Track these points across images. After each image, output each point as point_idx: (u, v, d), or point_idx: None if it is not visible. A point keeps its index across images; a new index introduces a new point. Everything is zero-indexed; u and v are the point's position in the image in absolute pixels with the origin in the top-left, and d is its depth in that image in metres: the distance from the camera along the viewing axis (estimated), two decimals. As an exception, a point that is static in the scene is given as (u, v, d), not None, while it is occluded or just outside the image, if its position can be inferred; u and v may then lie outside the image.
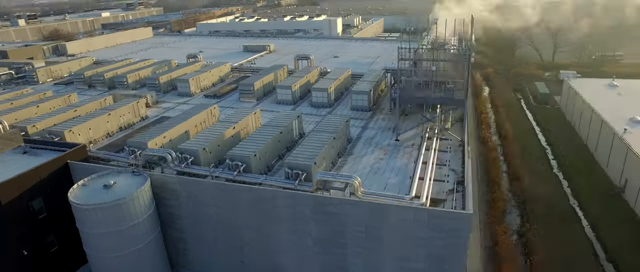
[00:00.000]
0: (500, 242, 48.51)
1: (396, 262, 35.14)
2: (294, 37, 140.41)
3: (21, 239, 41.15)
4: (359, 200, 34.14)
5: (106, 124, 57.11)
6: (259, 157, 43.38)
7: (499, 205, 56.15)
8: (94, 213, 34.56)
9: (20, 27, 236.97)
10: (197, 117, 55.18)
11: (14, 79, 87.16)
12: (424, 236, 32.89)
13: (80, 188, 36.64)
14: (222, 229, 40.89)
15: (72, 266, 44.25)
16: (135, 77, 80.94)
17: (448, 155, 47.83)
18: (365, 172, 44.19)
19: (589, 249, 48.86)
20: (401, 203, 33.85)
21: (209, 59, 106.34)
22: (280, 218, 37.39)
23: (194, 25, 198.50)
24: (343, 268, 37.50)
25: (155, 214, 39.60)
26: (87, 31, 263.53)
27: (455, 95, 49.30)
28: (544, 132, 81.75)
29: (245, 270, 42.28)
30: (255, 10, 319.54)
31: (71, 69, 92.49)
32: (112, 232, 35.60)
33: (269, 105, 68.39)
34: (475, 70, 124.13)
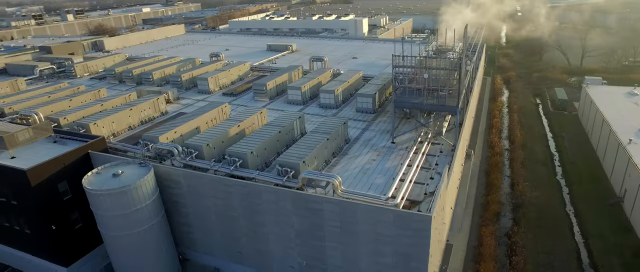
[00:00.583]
0: (484, 243, 50.43)
1: (369, 256, 38.30)
2: (319, 36, 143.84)
3: (49, 216, 47.10)
4: (332, 198, 37.50)
5: (128, 118, 62.99)
6: (256, 154, 47.28)
7: (492, 208, 57.76)
8: (103, 198, 39.86)
9: (69, 22, 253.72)
10: (208, 115, 59.80)
11: (56, 73, 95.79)
12: (391, 234, 35.87)
13: (93, 175, 42.05)
14: (219, 218, 45.37)
15: (94, 241, 49.71)
16: (160, 74, 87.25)
17: (437, 159, 50.09)
18: (355, 172, 47.25)
19: (574, 254, 49.90)
20: (371, 202, 36.88)
21: (234, 57, 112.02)
22: (266, 211, 41.36)
23: (228, 21, 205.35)
24: (322, 260, 41.06)
25: (159, 200, 44.54)
26: (128, 26, 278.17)
27: (448, 102, 51.39)
28: (556, 139, 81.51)
29: (242, 256, 46.61)
30: (290, 7, 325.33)
31: (105, 64, 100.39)
32: (120, 215, 40.81)
33: (280, 105, 72.37)
34: (497, 73, 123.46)
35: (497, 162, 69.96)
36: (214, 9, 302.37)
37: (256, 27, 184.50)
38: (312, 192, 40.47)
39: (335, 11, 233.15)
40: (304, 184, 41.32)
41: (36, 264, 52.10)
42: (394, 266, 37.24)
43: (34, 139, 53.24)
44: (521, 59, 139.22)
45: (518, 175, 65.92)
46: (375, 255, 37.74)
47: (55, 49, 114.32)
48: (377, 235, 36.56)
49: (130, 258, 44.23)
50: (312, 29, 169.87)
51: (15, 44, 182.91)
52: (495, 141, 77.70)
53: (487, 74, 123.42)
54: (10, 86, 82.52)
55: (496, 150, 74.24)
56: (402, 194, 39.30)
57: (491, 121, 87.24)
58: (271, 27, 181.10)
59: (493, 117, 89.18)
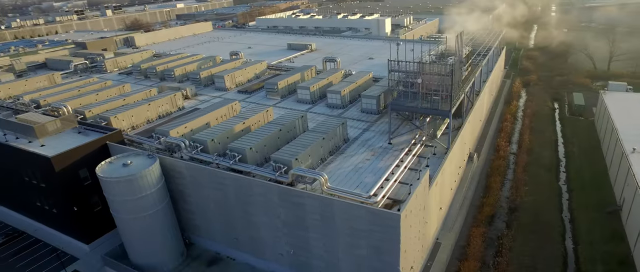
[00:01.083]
0: (471, 244, 52.47)
1: (346, 248, 41.57)
2: (340, 36, 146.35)
3: (71, 199, 53.04)
4: (312, 193, 40.95)
5: (146, 112, 68.57)
6: (255, 150, 51.21)
7: (486, 210, 59.41)
8: (113, 184, 45.03)
9: (107, 17, 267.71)
10: (218, 111, 64.39)
11: (88, 68, 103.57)
12: (365, 229, 38.98)
13: (106, 164, 47.32)
14: (218, 208, 49.79)
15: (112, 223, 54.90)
16: (182, 70, 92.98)
17: (428, 161, 52.47)
18: (347, 171, 50.35)
19: (560, 259, 51.07)
20: (351, 199, 40.03)
21: (255, 55, 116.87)
22: (257, 203, 45.33)
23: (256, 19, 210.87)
24: (307, 249, 44.66)
25: (164, 188, 49.39)
26: (163, 21, 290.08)
27: (441, 106, 53.56)
28: (567, 145, 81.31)
29: (238, 242, 50.90)
30: (320, 4, 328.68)
31: (133, 60, 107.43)
32: (128, 200, 45.89)
33: (290, 104, 76.14)
34: (518, 76, 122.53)
35: (499, 166, 71.04)
36: (245, 5, 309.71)
37: (282, 25, 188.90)
38: (302, 188, 44.08)
39: (363, 9, 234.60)
40: (294, 180, 44.98)
41: (63, 240, 58.56)
42: (368, 258, 40.35)
43: (61, 129, 59.52)
44: (546, 62, 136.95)
45: (518, 179, 66.92)
46: (352, 247, 40.95)
47: (90, 44, 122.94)
48: (352, 229, 39.77)
49: (138, 239, 49.38)
50: (337, 27, 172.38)
51: (59, 38, 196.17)
52: (502, 144, 78.48)
53: (507, 77, 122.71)
54: (47, 80, 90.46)
55: (501, 154, 75.16)
56: (383, 193, 42.32)
57: (501, 125, 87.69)
58: (297, 25, 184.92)
59: (504, 120, 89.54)
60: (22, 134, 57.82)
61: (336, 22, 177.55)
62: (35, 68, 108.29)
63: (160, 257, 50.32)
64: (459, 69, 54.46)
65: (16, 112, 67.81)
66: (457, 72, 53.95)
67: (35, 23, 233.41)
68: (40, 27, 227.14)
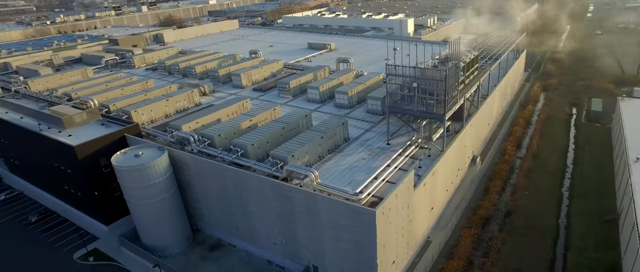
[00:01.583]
0: (460, 243, 54.68)
1: (330, 240, 45.01)
2: (361, 36, 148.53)
3: (93, 184, 58.96)
4: (300, 188, 44.54)
5: (165, 107, 74.03)
6: (257, 146, 55.19)
7: (481, 212, 61.20)
8: (125, 173, 50.33)
9: (143, 13, 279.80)
10: (229, 109, 68.93)
11: (118, 64, 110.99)
12: (346, 224, 42.27)
13: (121, 154, 52.71)
14: (219, 198, 54.28)
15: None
16: (203, 68, 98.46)
17: (420, 162, 55.01)
18: (343, 169, 53.56)
19: (547, 264, 52.44)
20: (336, 195, 43.36)
21: (275, 53, 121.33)
22: (253, 195, 49.43)
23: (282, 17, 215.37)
24: (296, 239, 48.40)
25: (172, 178, 54.30)
26: (195, 17, 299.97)
27: (436, 110, 55.84)
28: (577, 151, 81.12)
29: (238, 231, 55.29)
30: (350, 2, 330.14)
31: (160, 57, 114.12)
32: (138, 187, 51.08)
33: (300, 103, 79.84)
34: (539, 80, 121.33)
35: (502, 170, 72.25)
36: (274, 2, 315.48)
37: (308, 23, 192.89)
38: (297, 183, 47.75)
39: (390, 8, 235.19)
40: (288, 175, 48.72)
41: (87, 220, 65.01)
42: (349, 251, 43.66)
43: (87, 121, 65.76)
44: (571, 65, 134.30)
45: (518, 184, 68.04)
46: (335, 240, 44.36)
47: (121, 41, 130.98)
48: (335, 223, 43.15)
49: (148, 223, 54.67)
50: (361, 26, 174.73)
51: (97, 33, 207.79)
52: (508, 148, 79.34)
53: (528, 80, 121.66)
54: (81, 74, 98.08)
55: (505, 158, 76.18)
56: (368, 191, 45.41)
57: (512, 129, 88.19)
58: (322, 24, 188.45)
59: (516, 124, 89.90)
60: (53, 125, 64.41)
61: (360, 22, 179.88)
62: (71, 63, 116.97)
63: (168, 241, 55.41)
64: (454, 74, 56.36)
65: (51, 104, 74.95)
66: (452, 77, 55.94)
67: (76, 18, 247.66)
68: (81, 22, 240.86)
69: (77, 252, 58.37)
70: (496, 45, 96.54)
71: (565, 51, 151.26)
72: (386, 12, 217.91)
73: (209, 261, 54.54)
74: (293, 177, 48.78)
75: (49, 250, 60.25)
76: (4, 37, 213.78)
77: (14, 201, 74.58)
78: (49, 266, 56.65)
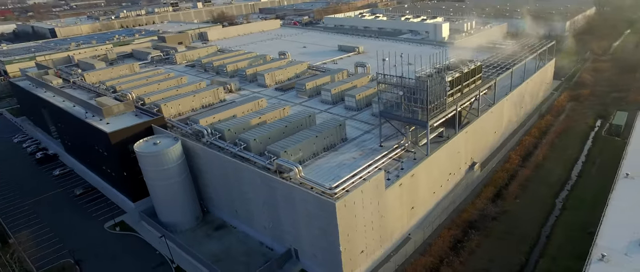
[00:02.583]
0: (436, 242, 59.59)
1: (305, 227, 52.14)
2: (394, 39, 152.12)
3: (122, 166, 69.88)
4: (280, 179, 51.92)
5: (192, 102, 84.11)
6: (259, 141, 63.12)
7: (465, 216, 65.36)
8: (144, 158, 60.35)
9: (198, 9, 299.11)
10: (245, 106, 77.57)
11: (162, 60, 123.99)
12: (315, 213, 49.18)
13: (142, 142, 62.94)
14: (223, 184, 63.05)
15: None
16: (234, 67, 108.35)
17: (402, 164, 60.49)
18: (332, 166, 60.12)
19: (517, 268, 55.95)
20: (311, 187, 50.27)
21: (306, 54, 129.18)
22: (247, 183, 57.58)
23: (324, 18, 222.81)
24: (280, 224, 55.98)
25: (184, 164, 63.74)
26: (247, 14, 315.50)
27: (420, 117, 60.90)
28: (586, 164, 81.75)
29: (237, 214, 63.86)
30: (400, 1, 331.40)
31: (200, 55, 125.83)
32: (154, 170, 61.03)
33: (314, 103, 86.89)
34: (570, 90, 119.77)
35: (499, 178, 75.26)
36: (323, 1, 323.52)
37: (348, 24, 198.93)
38: (287, 175, 55.13)
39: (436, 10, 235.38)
40: (278, 168, 56.24)
41: (118, 197, 76.52)
42: (319, 237, 50.61)
43: (123, 111, 77.19)
44: (612, 75, 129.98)
45: (511, 192, 71.01)
46: (308, 226, 51.44)
47: (168, 38, 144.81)
48: (307, 212, 50.21)
49: (161, 201, 64.72)
50: (398, 29, 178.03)
51: (154, 28, 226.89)
52: (513, 157, 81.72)
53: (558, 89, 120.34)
54: (128, 69, 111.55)
55: (506, 166, 78.86)
56: (343, 186, 51.89)
57: (522, 138, 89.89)
58: (362, 25, 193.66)
59: (528, 134, 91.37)
60: (96, 113, 76.45)
61: (398, 24, 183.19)
62: (123, 57, 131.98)
63: (179, 218, 65.18)
64: (438, 84, 60.95)
65: (97, 95, 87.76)
66: (437, 86, 60.61)
67: (137, 14, 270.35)
68: (141, 18, 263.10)
69: (108, 223, 69.85)
70: (516, 53, 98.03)
71: (610, 59, 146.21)
72: (431, 14, 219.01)
73: (212, 239, 63.59)
74: (283, 171, 56.24)
75: (86, 218, 72.32)
76: (75, 31, 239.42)
77: (66, 176, 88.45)
78: (85, 231, 68.45)
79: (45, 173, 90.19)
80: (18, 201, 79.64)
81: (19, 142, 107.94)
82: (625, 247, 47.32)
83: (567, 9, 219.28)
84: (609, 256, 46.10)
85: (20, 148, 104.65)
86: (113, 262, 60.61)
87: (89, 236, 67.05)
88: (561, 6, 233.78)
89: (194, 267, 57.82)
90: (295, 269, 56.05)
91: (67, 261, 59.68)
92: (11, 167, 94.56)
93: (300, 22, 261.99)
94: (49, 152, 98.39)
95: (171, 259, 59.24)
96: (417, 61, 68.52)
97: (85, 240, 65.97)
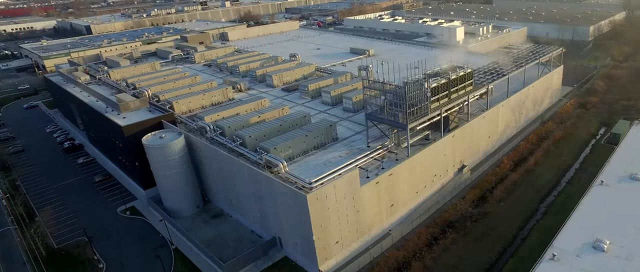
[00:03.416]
0: (412, 239, 64.29)
1: (285, 217, 58.10)
2: (406, 42, 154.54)
3: (135, 156, 77.90)
4: (264, 172, 58.12)
5: (202, 100, 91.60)
6: (255, 138, 69.49)
7: (445, 216, 69.56)
8: (150, 150, 67.95)
9: (226, 8, 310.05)
10: (248, 105, 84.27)
11: (182, 59, 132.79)
12: (291, 205, 55.16)
13: (150, 136, 70.77)
14: (219, 176, 69.93)
15: None
16: (246, 67, 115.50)
17: (383, 164, 65.55)
18: (319, 163, 65.68)
19: (486, 267, 59.70)
20: (292, 181, 56.22)
21: (318, 56, 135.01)
22: (238, 176, 64.16)
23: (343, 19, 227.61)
24: (265, 214, 62.23)
25: (186, 156, 71.05)
26: (273, 13, 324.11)
27: (400, 120, 65.68)
28: (579, 171, 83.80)
29: (232, 204, 70.65)
30: (425, 3, 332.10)
31: (217, 55, 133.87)
32: (159, 161, 68.62)
33: (316, 104, 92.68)
34: (577, 97, 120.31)
35: (487, 181, 78.71)
36: (348, 2, 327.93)
37: (367, 26, 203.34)
38: (275, 170, 61.27)
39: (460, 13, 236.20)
40: (266, 163, 62.50)
41: (132, 184, 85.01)
42: (296, 226, 56.55)
43: (139, 107, 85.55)
44: (627, 83, 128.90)
45: (495, 195, 74.51)
46: (288, 217, 57.49)
47: (190, 38, 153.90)
48: (286, 203, 56.21)
49: (165, 189, 72.34)
50: (415, 32, 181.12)
51: (181, 26, 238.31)
52: (505, 162, 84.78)
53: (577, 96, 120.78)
54: (150, 67, 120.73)
55: (497, 170, 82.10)
56: (322, 181, 57.54)
57: (518, 144, 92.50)
58: (380, 28, 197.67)
59: (526, 140, 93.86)
60: (115, 109, 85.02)
61: (416, 27, 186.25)
62: (147, 56, 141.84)
63: (180, 206, 72.68)
64: (417, 90, 65.49)
65: (118, 92, 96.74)
66: (417, 92, 65.18)
67: (168, 12, 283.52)
68: (171, 16, 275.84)
69: (120, 207, 78.32)
70: (519, 60, 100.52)
71: (629, 67, 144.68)
72: (453, 16, 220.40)
73: (208, 225, 70.69)
74: (271, 165, 62.44)
75: (102, 203, 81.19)
76: (109, 28, 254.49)
77: (88, 165, 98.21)
78: (100, 214, 77.26)
79: (71, 161, 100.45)
80: (45, 185, 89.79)
81: (50, 132, 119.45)
82: (578, 249, 50.93)
83: (594, 13, 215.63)
84: (559, 255, 49.91)
85: (51, 138, 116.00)
86: (121, 242, 68.76)
87: (103, 218, 75.67)
88: (590, 10, 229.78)
89: (189, 250, 65.04)
90: (278, 256, 62.24)
91: (82, 239, 68.06)
92: (42, 155, 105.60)
93: (324, 22, 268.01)
94: (76, 142, 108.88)
95: (171, 241, 66.65)
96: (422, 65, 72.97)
97: (99, 221, 74.66)
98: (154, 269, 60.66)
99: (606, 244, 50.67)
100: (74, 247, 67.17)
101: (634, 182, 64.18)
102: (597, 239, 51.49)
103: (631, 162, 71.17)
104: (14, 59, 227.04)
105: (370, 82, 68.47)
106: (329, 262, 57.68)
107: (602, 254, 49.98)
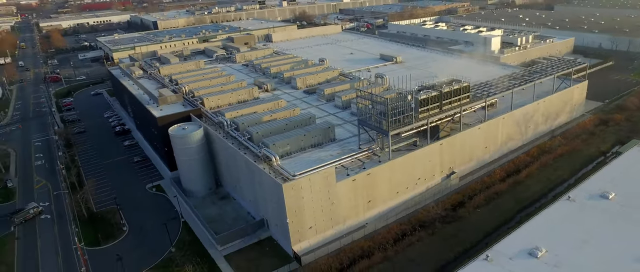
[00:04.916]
0: (381, 233, 73.24)
1: (272, 204, 69.80)
2: (441, 50, 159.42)
3: (165, 143, 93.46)
4: (256, 164, 70.11)
5: (229, 98, 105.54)
6: (261, 134, 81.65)
7: (419, 216, 77.44)
8: (173, 138, 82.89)
9: (282, 8, 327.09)
10: (265, 105, 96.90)
11: (225, 58, 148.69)
12: (272, 191, 66.70)
13: (176, 127, 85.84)
14: (227, 165, 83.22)
15: None
16: (276, 69, 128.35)
17: (365, 164, 75.12)
18: (312, 159, 76.33)
19: (442, 263, 67.54)
20: (278, 172, 67.77)
21: (349, 61, 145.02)
22: (239, 166, 76.90)
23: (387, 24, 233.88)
24: (257, 199, 74.41)
25: (203, 146, 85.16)
26: (327, 14, 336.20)
27: (383, 126, 74.66)
28: (570, 187, 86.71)
29: (236, 189, 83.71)
30: (483, 7, 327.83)
31: (256, 56, 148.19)
32: (180, 149, 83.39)
33: (328, 107, 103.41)
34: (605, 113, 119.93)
35: (473, 188, 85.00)
36: (400, 5, 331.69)
37: (409, 31, 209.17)
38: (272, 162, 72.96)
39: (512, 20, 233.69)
40: (263, 157, 74.42)
41: (162, 166, 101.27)
42: (276, 210, 68.06)
43: (175, 101, 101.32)
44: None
45: (474, 202, 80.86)
46: (272, 202, 69.16)
47: (236, 39, 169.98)
48: (272, 192, 67.83)
49: (185, 173, 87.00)
50: (454, 39, 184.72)
51: (238, 25, 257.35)
52: (497, 172, 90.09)
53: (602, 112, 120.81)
54: (195, 65, 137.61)
55: (486, 180, 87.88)
56: (301, 176, 68.41)
57: (516, 156, 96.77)
58: (421, 34, 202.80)
59: (526, 153, 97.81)
60: (155, 101, 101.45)
61: (456, 35, 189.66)
62: (196, 54, 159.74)
63: (195, 187, 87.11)
64: (400, 101, 73.95)
65: (161, 86, 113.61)
66: (400, 103, 73.69)
67: (227, 10, 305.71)
68: (230, 14, 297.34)
69: (149, 184, 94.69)
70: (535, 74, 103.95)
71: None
72: (503, 23, 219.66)
73: (215, 205, 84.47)
74: (266, 159, 74.28)
75: (136, 180, 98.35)
76: (173, 23, 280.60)
77: (132, 147, 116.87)
78: (132, 188, 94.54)
79: (119, 143, 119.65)
80: (96, 161, 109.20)
81: (107, 118, 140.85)
82: (514, 253, 57.25)
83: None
84: (493, 257, 56.78)
85: (107, 122, 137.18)
86: (143, 213, 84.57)
87: (134, 192, 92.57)
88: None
89: (195, 223, 79.07)
90: (265, 235, 74.32)
91: (114, 207, 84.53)
92: (98, 136, 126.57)
93: (373, 25, 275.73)
94: (125, 127, 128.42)
95: (181, 215, 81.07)
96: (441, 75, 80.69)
97: (131, 194, 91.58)
98: (164, 234, 75.12)
99: (541, 252, 56.34)
100: (107, 212, 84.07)
101: (602, 200, 67.65)
102: (535, 247, 57.50)
103: (611, 180, 74.26)
104: (91, 50, 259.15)
105: (363, 91, 78.01)
106: (301, 244, 68.64)
107: (534, 260, 55.68)
